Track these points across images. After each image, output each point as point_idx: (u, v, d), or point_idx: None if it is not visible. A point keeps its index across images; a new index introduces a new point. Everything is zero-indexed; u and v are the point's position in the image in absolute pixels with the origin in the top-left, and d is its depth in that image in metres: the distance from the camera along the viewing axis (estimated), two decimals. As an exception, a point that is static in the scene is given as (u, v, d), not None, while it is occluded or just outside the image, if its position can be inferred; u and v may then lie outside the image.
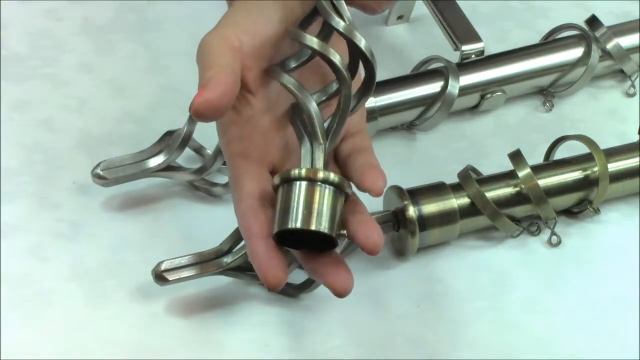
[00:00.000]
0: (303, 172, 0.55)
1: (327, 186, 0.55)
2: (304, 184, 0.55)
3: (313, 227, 0.54)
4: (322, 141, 0.57)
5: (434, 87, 0.78)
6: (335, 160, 0.61)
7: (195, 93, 0.70)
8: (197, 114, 0.55)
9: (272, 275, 0.55)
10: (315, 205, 0.55)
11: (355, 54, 0.58)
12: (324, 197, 0.55)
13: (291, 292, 0.69)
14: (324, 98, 0.59)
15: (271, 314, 0.68)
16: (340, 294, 0.56)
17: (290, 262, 0.65)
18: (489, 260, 0.72)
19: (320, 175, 0.55)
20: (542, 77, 0.81)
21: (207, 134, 0.73)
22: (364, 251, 0.56)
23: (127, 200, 0.74)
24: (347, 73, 0.57)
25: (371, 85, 0.59)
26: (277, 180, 0.56)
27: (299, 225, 0.54)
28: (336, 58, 0.56)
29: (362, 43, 0.57)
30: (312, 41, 0.57)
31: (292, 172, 0.55)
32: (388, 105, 0.77)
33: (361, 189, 0.58)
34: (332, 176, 0.55)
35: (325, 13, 0.57)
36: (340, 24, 0.57)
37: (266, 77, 0.59)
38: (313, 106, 0.57)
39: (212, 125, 0.73)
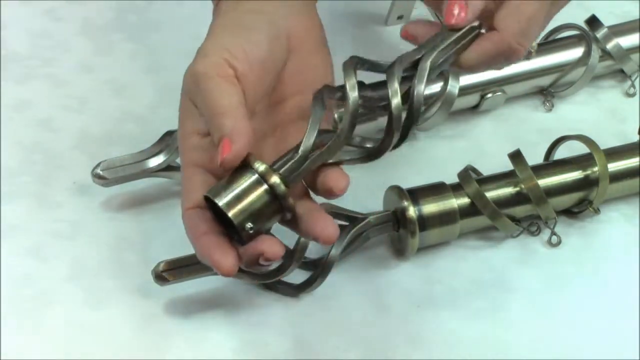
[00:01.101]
0: (262, 167, 0.56)
1: (270, 192, 0.56)
2: (254, 177, 0.56)
3: (230, 214, 0.56)
4: (300, 153, 0.57)
5: (435, 86, 0.78)
6: None
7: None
8: (228, 167, 0.56)
9: (228, 263, 0.56)
10: (248, 200, 0.56)
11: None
12: (261, 199, 0.56)
13: (291, 292, 0.69)
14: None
15: (271, 314, 0.68)
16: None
17: (290, 262, 0.65)
18: (489, 260, 0.72)
19: (271, 180, 0.56)
20: (542, 77, 0.81)
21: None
22: (318, 242, 0.58)
23: (127, 200, 0.74)
24: (350, 120, 0.57)
25: (379, 152, 0.59)
26: (246, 158, 0.57)
27: (221, 204, 0.56)
28: (350, 101, 0.56)
29: (394, 103, 0.57)
30: (349, 79, 0.57)
31: (255, 162, 0.56)
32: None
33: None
34: (279, 187, 0.56)
35: (389, 76, 0.57)
36: (393, 86, 0.57)
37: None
38: (310, 138, 0.57)
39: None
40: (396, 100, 0.57)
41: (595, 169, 0.72)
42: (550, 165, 0.74)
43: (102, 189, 0.72)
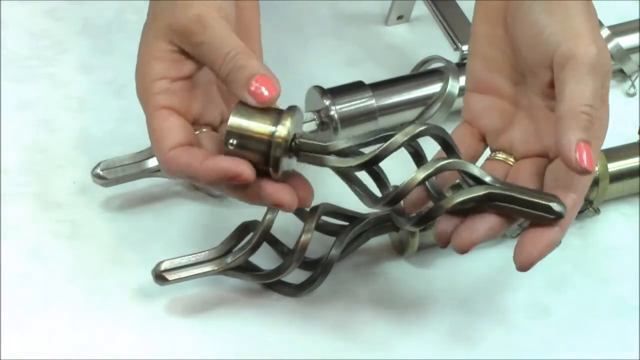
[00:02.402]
0: (286, 123, 0.57)
1: (272, 142, 0.57)
2: (273, 128, 0.57)
3: (230, 121, 0.57)
4: (327, 144, 0.58)
5: (434, 87, 0.78)
6: None
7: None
8: (271, 104, 0.57)
9: (247, 168, 0.56)
10: (253, 131, 0.57)
11: None
12: (262, 141, 0.57)
13: (291, 292, 0.69)
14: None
15: (271, 314, 0.68)
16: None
17: (290, 262, 0.66)
18: (489, 260, 0.72)
19: (281, 134, 0.56)
20: (542, 77, 0.81)
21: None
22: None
23: (127, 200, 0.74)
24: (380, 152, 0.57)
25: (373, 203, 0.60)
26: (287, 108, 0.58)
27: (231, 117, 0.57)
28: (393, 140, 0.57)
29: (408, 179, 0.57)
30: (406, 132, 0.57)
31: (286, 116, 0.57)
32: (388, 105, 0.77)
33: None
34: (281, 143, 0.56)
35: (430, 164, 0.58)
36: (421, 174, 0.57)
37: None
38: (344, 144, 0.58)
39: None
40: (409, 183, 0.57)
41: (596, 169, 0.72)
42: (550, 165, 0.74)
43: (102, 189, 0.72)
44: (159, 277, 0.65)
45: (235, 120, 0.57)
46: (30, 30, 0.85)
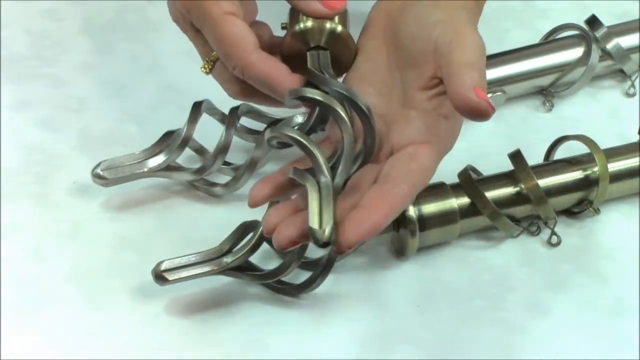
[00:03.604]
0: (300, 25, 0.64)
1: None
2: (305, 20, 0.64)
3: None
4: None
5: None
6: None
7: (193, 92, 0.71)
8: (339, 12, 0.64)
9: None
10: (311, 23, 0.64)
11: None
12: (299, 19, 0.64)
13: (291, 292, 0.69)
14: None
15: (271, 314, 0.68)
16: None
17: (290, 262, 0.66)
18: (489, 260, 0.72)
19: (298, 26, 0.63)
20: (542, 77, 0.81)
21: (207, 134, 0.73)
22: None
23: (127, 200, 0.74)
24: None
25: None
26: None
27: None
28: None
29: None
30: (314, 93, 0.60)
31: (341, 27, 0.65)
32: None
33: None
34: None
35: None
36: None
37: None
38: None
39: (212, 125, 0.74)
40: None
41: (595, 169, 0.72)
42: (550, 165, 0.74)
43: (102, 189, 0.72)
44: (159, 277, 0.65)
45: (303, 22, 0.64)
46: (30, 30, 0.85)
